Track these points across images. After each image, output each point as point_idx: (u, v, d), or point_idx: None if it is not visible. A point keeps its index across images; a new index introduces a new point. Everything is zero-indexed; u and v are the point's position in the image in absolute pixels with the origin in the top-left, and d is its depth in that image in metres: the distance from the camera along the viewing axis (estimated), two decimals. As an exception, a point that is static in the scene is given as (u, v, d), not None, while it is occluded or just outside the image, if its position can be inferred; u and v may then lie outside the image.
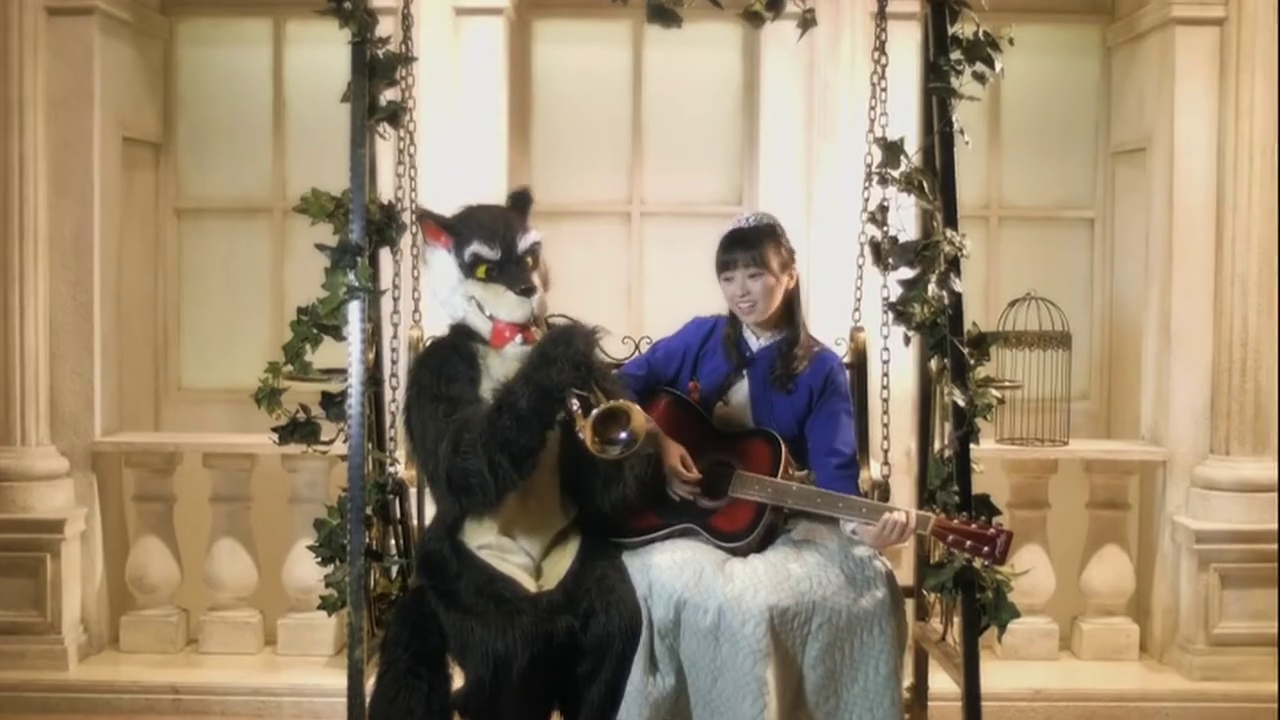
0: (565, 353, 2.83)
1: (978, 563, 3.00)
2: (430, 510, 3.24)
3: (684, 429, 3.20)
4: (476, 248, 3.02)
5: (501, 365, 3.00)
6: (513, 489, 2.88)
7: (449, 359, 3.04)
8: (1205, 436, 4.99)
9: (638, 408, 2.82)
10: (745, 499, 3.06)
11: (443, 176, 4.83)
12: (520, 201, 3.20)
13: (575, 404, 2.81)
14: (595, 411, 2.77)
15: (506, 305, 3.01)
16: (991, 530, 2.91)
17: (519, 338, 3.01)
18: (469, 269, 3.04)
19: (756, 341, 3.28)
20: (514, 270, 3.02)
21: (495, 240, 3.02)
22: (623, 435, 2.79)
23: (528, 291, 3.00)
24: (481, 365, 3.04)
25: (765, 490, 3.05)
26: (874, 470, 3.45)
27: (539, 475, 2.98)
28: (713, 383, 3.27)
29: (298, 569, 4.84)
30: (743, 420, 3.24)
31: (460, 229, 3.06)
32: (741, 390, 3.25)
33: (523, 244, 3.05)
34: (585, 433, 2.77)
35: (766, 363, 3.24)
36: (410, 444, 3.09)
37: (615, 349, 3.40)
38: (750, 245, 3.17)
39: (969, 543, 2.91)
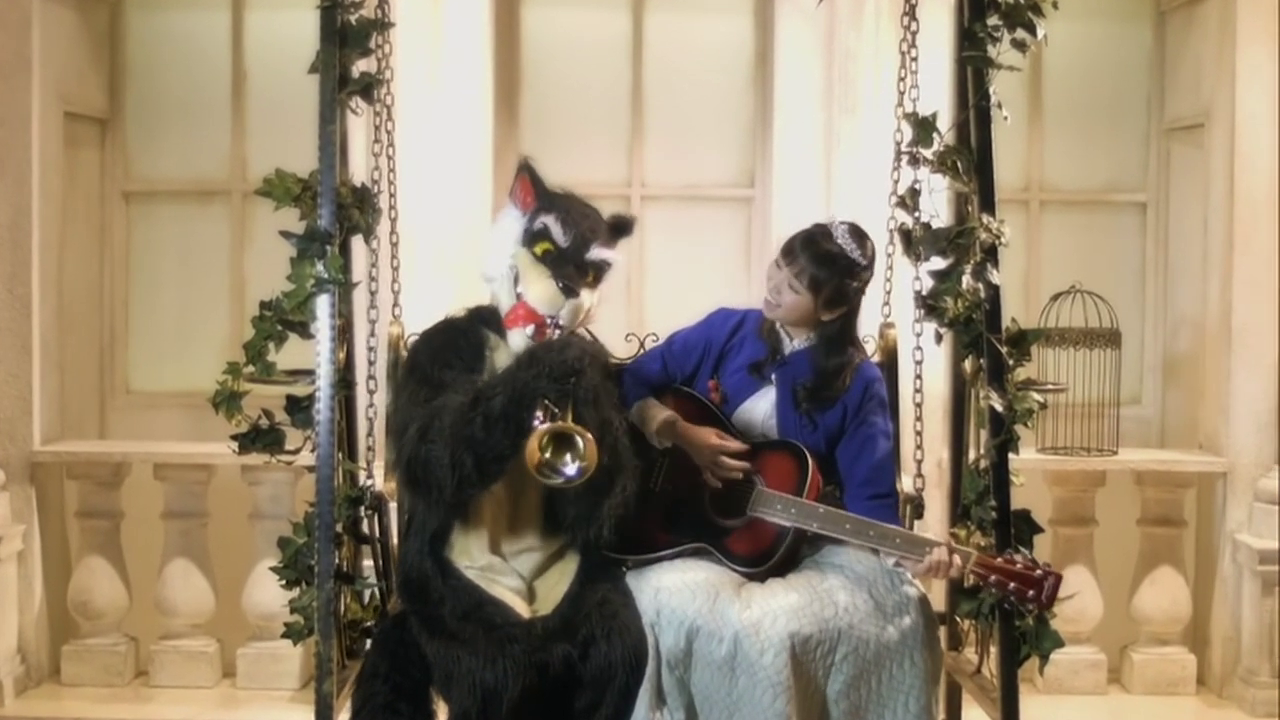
0: (553, 359, 2.83)
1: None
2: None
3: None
4: (550, 222, 3.07)
5: (508, 361, 3.00)
6: (471, 492, 2.89)
7: (454, 342, 3.05)
8: (1270, 446, 5.00)
9: (596, 444, 2.79)
10: (766, 519, 3.06)
11: (422, 155, 4.85)
12: (620, 225, 3.21)
13: (540, 415, 2.80)
14: (547, 426, 2.77)
15: (540, 291, 3.03)
16: (1039, 572, 2.92)
17: (531, 327, 3.03)
18: (531, 239, 3.07)
19: (791, 342, 3.21)
20: (571, 269, 3.04)
21: (572, 230, 3.06)
22: (569, 469, 2.78)
23: (569, 291, 3.03)
24: (488, 357, 3.05)
25: (789, 511, 3.03)
26: (905, 482, 3.45)
27: (522, 489, 3.01)
28: (736, 384, 3.22)
29: (259, 593, 4.85)
30: (766, 429, 3.20)
31: (549, 199, 3.11)
32: (768, 395, 3.20)
33: (595, 254, 3.08)
34: (530, 444, 2.76)
35: (798, 371, 3.18)
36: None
37: (616, 348, 3.40)
38: (819, 261, 3.07)
39: (1013, 584, 2.92)
